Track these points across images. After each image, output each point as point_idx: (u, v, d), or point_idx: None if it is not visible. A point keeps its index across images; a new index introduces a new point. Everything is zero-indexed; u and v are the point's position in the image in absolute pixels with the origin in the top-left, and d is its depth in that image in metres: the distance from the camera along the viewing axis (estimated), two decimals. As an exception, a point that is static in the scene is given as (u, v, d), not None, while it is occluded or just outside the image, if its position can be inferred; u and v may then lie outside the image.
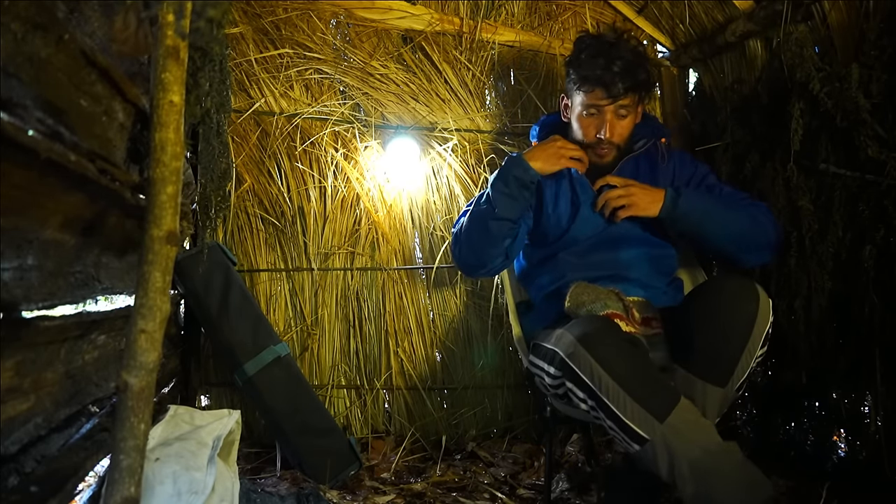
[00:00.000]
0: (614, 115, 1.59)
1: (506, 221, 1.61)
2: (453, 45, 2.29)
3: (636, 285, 1.57)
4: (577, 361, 1.23)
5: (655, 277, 1.62)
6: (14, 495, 0.80)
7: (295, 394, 1.94)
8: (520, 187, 1.60)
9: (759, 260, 1.59)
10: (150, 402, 0.79)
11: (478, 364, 2.27)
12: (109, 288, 1.16)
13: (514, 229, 1.64)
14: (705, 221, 1.53)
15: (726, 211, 1.54)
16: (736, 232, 1.53)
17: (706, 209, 1.53)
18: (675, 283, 1.66)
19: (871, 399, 1.62)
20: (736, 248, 1.55)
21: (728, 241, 1.54)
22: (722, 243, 1.55)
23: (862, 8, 1.55)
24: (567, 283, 1.52)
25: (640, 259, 1.61)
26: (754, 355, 1.27)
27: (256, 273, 2.25)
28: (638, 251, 1.62)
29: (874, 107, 1.49)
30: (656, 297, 1.56)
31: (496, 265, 1.68)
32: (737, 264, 1.59)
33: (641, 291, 1.57)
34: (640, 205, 1.55)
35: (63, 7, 0.81)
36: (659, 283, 1.62)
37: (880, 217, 1.51)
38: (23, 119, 0.68)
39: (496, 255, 1.66)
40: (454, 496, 1.79)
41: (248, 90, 2.22)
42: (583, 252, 1.64)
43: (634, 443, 1.18)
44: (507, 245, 1.65)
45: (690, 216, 1.53)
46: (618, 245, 1.63)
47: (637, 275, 1.59)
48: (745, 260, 1.57)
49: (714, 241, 1.55)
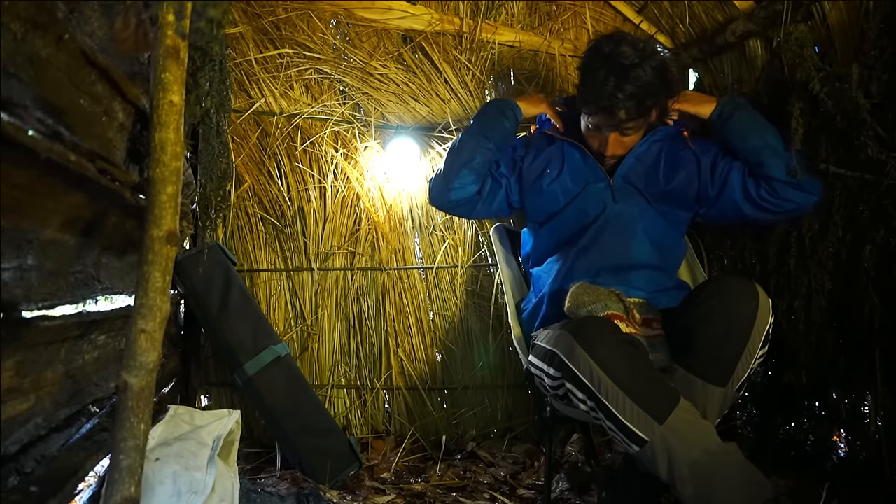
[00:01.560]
0: (618, 134, 1.57)
1: (480, 137, 1.67)
2: (453, 45, 2.29)
3: (640, 276, 1.56)
4: (577, 362, 1.23)
5: (661, 262, 1.60)
6: (14, 495, 0.80)
7: (295, 394, 1.94)
8: (498, 112, 1.71)
9: (786, 173, 1.55)
10: (150, 402, 0.79)
11: (478, 364, 2.27)
12: (109, 288, 1.17)
13: (488, 151, 1.67)
14: (750, 131, 1.57)
15: (769, 124, 1.58)
16: (774, 143, 1.55)
17: (754, 117, 1.58)
18: (680, 285, 1.64)
19: (871, 399, 1.62)
20: (772, 153, 1.55)
21: (768, 150, 1.55)
22: (760, 148, 1.56)
23: (862, 8, 1.55)
24: (572, 278, 1.53)
25: (645, 245, 1.60)
26: (755, 355, 1.27)
27: (256, 273, 2.25)
28: (644, 237, 1.60)
29: (874, 107, 1.49)
30: (658, 298, 1.55)
31: (462, 186, 1.68)
32: (769, 169, 1.55)
33: (647, 276, 1.56)
34: (693, 101, 1.64)
35: (63, 7, 0.81)
36: (665, 268, 1.61)
37: (880, 217, 1.51)
38: (23, 119, 0.68)
39: (464, 175, 1.67)
40: (454, 496, 1.78)
41: (248, 90, 2.22)
42: (589, 241, 1.62)
43: (634, 444, 1.18)
44: (478, 166, 1.67)
45: (739, 124, 1.57)
46: (623, 230, 1.60)
47: (643, 260, 1.58)
48: (774, 167, 1.54)
49: (754, 146, 1.57)
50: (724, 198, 1.61)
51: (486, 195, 1.72)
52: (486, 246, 2.29)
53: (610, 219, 1.62)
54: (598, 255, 1.61)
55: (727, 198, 1.61)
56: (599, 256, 1.60)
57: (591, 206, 1.64)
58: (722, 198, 1.62)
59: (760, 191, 1.57)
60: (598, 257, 1.60)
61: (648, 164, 1.64)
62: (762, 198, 1.57)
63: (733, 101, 1.62)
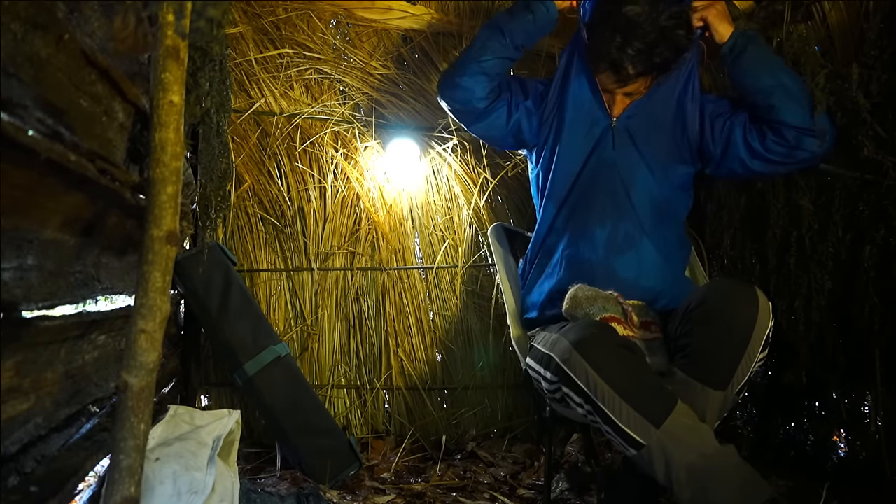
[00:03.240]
0: (623, 95, 1.54)
1: (495, 31, 1.58)
2: (453, 45, 2.29)
3: (641, 236, 1.54)
4: (573, 367, 1.23)
5: (661, 224, 1.57)
6: (14, 495, 0.80)
7: (295, 394, 1.94)
8: (524, 6, 1.58)
9: (801, 118, 1.45)
10: (150, 402, 0.79)
11: (478, 364, 2.27)
12: (109, 288, 1.17)
13: (501, 48, 1.58)
14: (763, 69, 1.47)
15: (784, 64, 1.50)
16: (788, 83, 1.46)
17: (768, 54, 1.50)
18: (682, 281, 1.63)
19: (871, 399, 1.62)
20: (785, 95, 1.45)
21: (780, 90, 1.46)
22: (772, 88, 1.46)
23: (862, 8, 1.55)
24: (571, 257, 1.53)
25: (646, 200, 1.56)
26: (754, 359, 1.26)
27: (256, 273, 2.25)
28: (645, 192, 1.57)
29: (874, 107, 1.49)
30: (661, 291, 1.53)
31: (469, 87, 1.60)
32: (779, 113, 1.46)
33: (650, 242, 1.54)
34: (719, 14, 1.51)
35: (63, 7, 0.81)
36: (666, 235, 1.58)
37: (880, 217, 1.51)
38: (23, 119, 0.68)
39: (473, 73, 1.59)
40: (454, 496, 1.78)
41: (248, 90, 2.22)
42: (590, 200, 1.58)
43: (631, 447, 1.18)
44: (489, 68, 1.59)
45: (751, 60, 1.47)
46: (625, 185, 1.57)
47: (643, 215, 1.55)
48: (787, 110, 1.45)
49: (765, 85, 1.47)
50: (730, 155, 1.54)
51: (493, 119, 1.64)
52: (485, 246, 2.29)
53: (620, 158, 1.57)
54: (602, 192, 1.57)
55: (733, 155, 1.53)
56: (604, 194, 1.57)
57: (605, 152, 1.58)
58: (728, 156, 1.54)
59: (767, 142, 1.47)
60: (602, 197, 1.57)
61: (652, 113, 1.58)
62: (770, 150, 1.47)
63: (746, 34, 1.51)
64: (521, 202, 2.30)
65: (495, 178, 2.25)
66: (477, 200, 2.27)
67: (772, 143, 1.47)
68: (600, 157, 1.60)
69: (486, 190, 2.26)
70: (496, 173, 2.26)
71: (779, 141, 1.46)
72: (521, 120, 1.68)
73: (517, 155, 2.23)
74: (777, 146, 1.47)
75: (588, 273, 1.53)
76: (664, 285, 1.54)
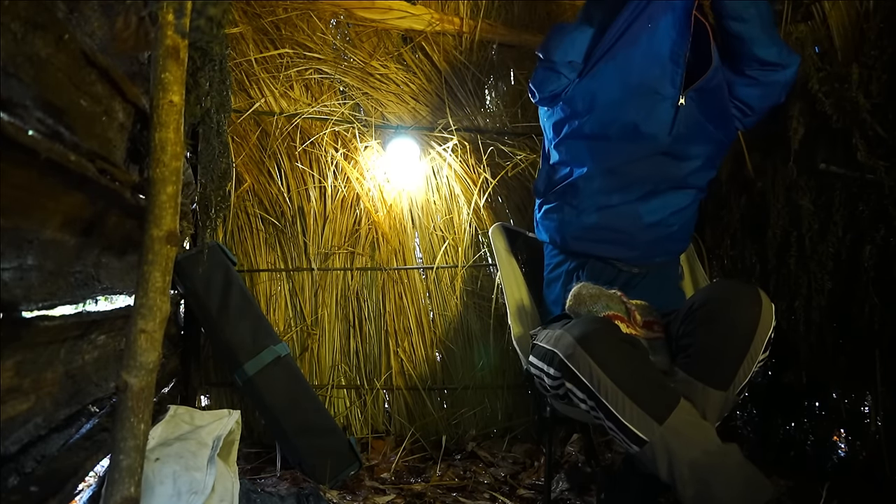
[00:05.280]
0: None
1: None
2: (453, 45, 2.29)
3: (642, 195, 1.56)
4: (576, 363, 1.23)
5: (665, 189, 1.58)
6: (14, 495, 0.80)
7: (295, 394, 1.94)
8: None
9: (778, 54, 1.50)
10: (150, 402, 0.79)
11: (478, 364, 2.27)
12: (109, 288, 1.17)
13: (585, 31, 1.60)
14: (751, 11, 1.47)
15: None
16: (769, 24, 1.49)
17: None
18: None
19: (871, 399, 1.62)
20: (762, 34, 1.48)
21: (760, 30, 1.48)
22: (754, 26, 1.48)
23: (862, 8, 1.56)
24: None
25: (651, 164, 1.56)
26: (756, 360, 1.26)
27: (256, 273, 2.25)
28: (651, 157, 1.56)
29: (874, 107, 1.49)
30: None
31: (562, 48, 1.63)
32: (754, 46, 1.49)
33: (655, 202, 1.56)
34: None
35: (63, 7, 0.81)
36: (670, 201, 1.59)
37: (880, 217, 1.51)
38: (23, 119, 0.68)
39: (565, 46, 1.62)
40: (454, 496, 1.78)
41: (248, 90, 2.22)
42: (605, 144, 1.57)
43: (634, 444, 1.18)
44: (575, 43, 1.61)
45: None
46: (632, 144, 1.56)
47: (648, 184, 1.56)
48: (766, 44, 1.49)
49: (747, 23, 1.48)
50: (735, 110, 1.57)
51: (575, 64, 1.64)
52: (485, 246, 2.29)
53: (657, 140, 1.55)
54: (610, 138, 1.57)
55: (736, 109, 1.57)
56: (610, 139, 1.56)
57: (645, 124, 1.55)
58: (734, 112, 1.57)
59: (752, 71, 1.52)
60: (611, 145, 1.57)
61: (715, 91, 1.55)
62: (752, 77, 1.52)
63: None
64: (522, 202, 2.30)
65: (495, 178, 2.25)
66: (477, 200, 2.27)
67: (755, 71, 1.52)
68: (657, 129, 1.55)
69: (486, 190, 2.26)
70: (496, 173, 2.26)
71: (759, 70, 1.51)
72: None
73: (517, 155, 2.23)
74: (758, 73, 1.52)
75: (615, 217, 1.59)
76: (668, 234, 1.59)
